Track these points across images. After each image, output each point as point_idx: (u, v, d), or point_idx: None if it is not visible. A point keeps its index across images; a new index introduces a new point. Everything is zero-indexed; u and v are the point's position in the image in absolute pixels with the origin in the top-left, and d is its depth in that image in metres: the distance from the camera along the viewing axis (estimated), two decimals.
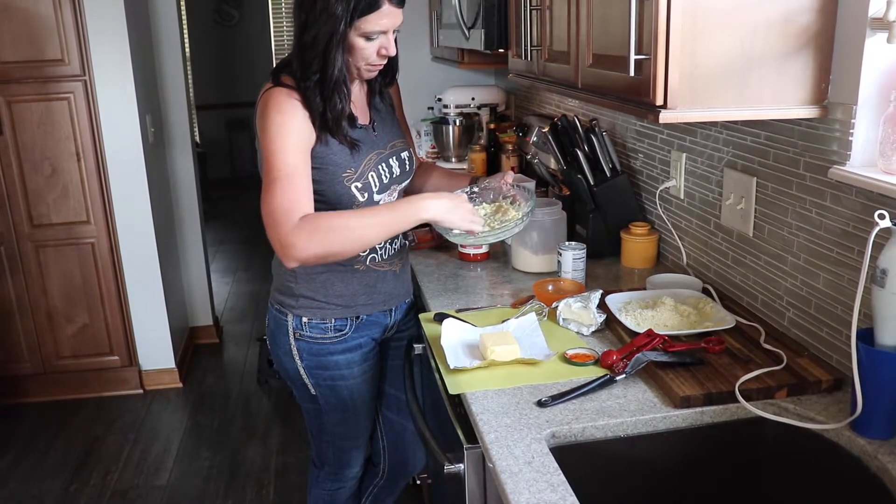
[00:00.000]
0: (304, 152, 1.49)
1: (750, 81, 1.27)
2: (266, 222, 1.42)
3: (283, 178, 1.44)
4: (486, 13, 2.23)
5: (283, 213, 1.41)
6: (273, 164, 1.45)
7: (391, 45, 1.52)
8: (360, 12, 1.44)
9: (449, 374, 1.41)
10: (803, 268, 1.46)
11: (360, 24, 1.46)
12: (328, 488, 1.94)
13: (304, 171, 1.48)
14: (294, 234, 1.40)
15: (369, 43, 1.49)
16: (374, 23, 1.46)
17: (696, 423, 1.27)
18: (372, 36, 1.48)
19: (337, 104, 1.50)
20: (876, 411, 1.15)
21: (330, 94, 1.49)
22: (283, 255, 1.42)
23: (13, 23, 2.97)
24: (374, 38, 1.49)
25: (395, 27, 1.51)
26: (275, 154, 1.46)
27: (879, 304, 1.12)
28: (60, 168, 3.16)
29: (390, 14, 1.48)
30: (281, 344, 1.72)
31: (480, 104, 3.37)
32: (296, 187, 1.45)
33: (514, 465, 1.12)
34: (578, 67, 1.57)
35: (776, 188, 1.53)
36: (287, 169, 1.45)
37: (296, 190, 1.44)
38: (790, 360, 1.37)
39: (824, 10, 1.26)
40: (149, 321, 3.46)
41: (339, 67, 1.48)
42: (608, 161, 2.08)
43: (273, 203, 1.42)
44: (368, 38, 1.48)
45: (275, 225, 1.41)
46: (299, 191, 1.45)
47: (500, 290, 1.87)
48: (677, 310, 1.58)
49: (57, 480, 2.85)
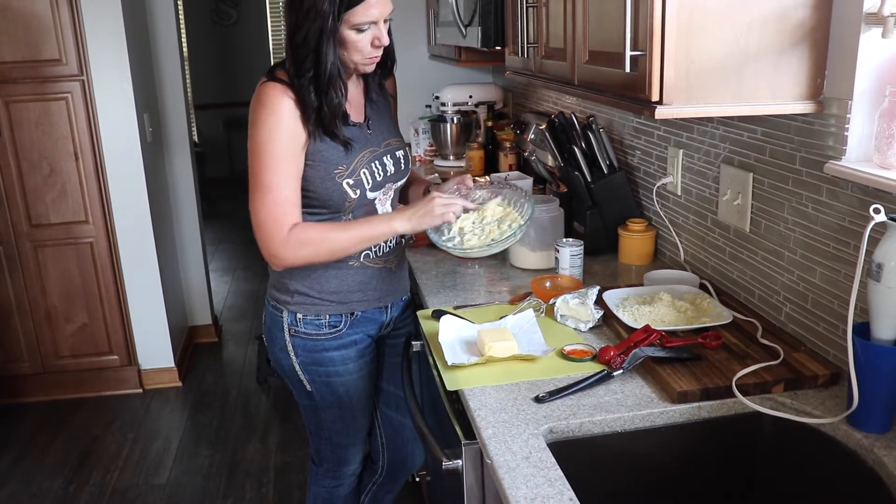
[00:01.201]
0: (292, 155, 1.51)
1: (745, 77, 1.27)
2: (256, 230, 1.53)
3: (273, 186, 1.50)
4: (483, 11, 2.23)
5: (272, 223, 1.51)
6: (261, 167, 1.50)
7: (383, 35, 1.51)
8: (347, 5, 1.44)
9: (447, 370, 1.41)
10: (800, 263, 1.47)
11: (349, 16, 1.45)
12: (327, 486, 1.94)
13: (293, 176, 1.52)
14: (283, 247, 1.52)
15: (361, 35, 1.49)
16: (362, 14, 1.46)
17: (693, 418, 1.27)
18: (362, 27, 1.48)
19: (333, 99, 1.51)
20: (872, 405, 1.15)
21: (325, 89, 1.49)
22: (270, 262, 1.56)
23: (10, 23, 2.97)
24: (365, 30, 1.49)
25: (386, 16, 1.50)
26: (262, 158, 1.49)
27: (875, 299, 1.12)
28: (58, 168, 3.16)
29: (378, 4, 1.47)
30: (277, 340, 1.72)
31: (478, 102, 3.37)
32: (285, 197, 1.51)
33: (512, 461, 1.12)
34: (575, 64, 1.57)
35: (773, 184, 1.53)
36: (276, 176, 1.50)
37: (285, 199, 1.51)
38: (787, 354, 1.38)
39: (819, 6, 1.26)
40: (148, 320, 3.46)
41: (331, 62, 1.48)
42: (605, 158, 2.09)
43: (262, 213, 1.51)
44: (359, 29, 1.48)
45: (264, 236, 1.52)
46: (287, 200, 1.52)
47: (497, 287, 1.87)
48: (674, 305, 1.58)
49: (57, 480, 2.85)
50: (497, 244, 1.60)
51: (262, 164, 1.49)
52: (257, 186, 1.51)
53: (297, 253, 1.53)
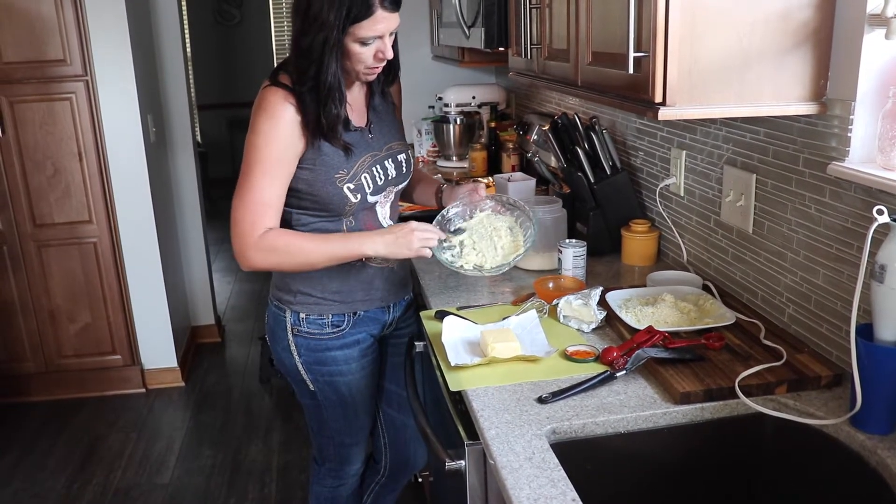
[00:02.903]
0: (284, 161, 1.52)
1: (749, 78, 1.27)
2: (231, 228, 1.54)
3: (256, 188, 1.52)
4: (486, 12, 2.23)
5: (248, 224, 1.52)
6: (250, 169, 1.51)
7: (388, 49, 1.51)
8: (354, 19, 1.43)
9: (450, 370, 1.42)
10: (803, 264, 1.47)
11: (354, 30, 1.45)
12: (329, 485, 1.94)
13: (279, 182, 1.54)
14: (252, 249, 1.52)
15: (365, 48, 1.48)
16: (368, 28, 1.45)
17: (696, 419, 1.27)
18: (367, 41, 1.48)
19: (332, 110, 1.51)
20: (875, 406, 1.15)
21: (325, 100, 1.49)
22: (238, 261, 1.56)
23: (15, 23, 2.98)
24: (370, 43, 1.48)
25: (391, 31, 1.50)
26: (253, 160, 1.51)
27: (878, 300, 1.12)
28: (62, 168, 3.17)
29: (384, 19, 1.46)
30: (279, 340, 1.73)
31: (481, 103, 3.38)
32: (265, 200, 1.52)
33: (515, 462, 1.12)
34: (578, 65, 1.57)
35: (776, 185, 1.53)
36: (262, 179, 1.51)
37: (265, 203, 1.52)
38: (790, 356, 1.38)
39: (822, 7, 1.26)
40: (151, 320, 3.47)
41: (332, 73, 1.48)
42: (608, 159, 2.09)
43: (240, 212, 1.52)
44: (364, 43, 1.48)
45: (237, 235, 1.53)
46: (267, 204, 1.53)
47: (500, 288, 1.87)
48: (677, 306, 1.58)
49: (59, 479, 2.86)
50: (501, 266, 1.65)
51: (252, 166, 1.51)
52: (242, 185, 1.53)
53: (264, 258, 1.54)
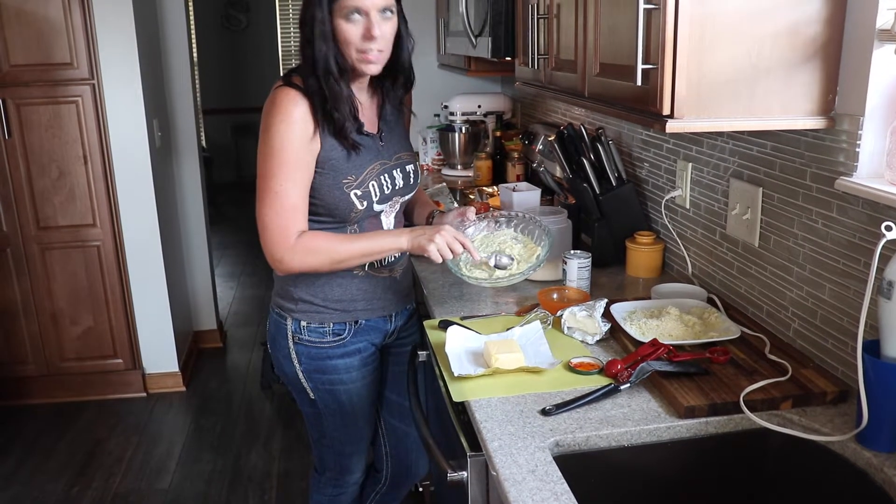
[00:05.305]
0: (303, 162, 1.52)
1: (757, 92, 1.27)
2: (261, 234, 1.53)
3: (282, 192, 1.50)
4: (494, 21, 2.23)
5: (279, 230, 1.51)
6: (271, 172, 1.50)
7: (374, 26, 1.48)
8: None
9: (453, 381, 1.41)
10: (809, 279, 1.46)
11: (337, 5, 1.47)
12: (329, 494, 1.93)
13: (302, 183, 1.53)
14: (290, 253, 1.53)
15: (350, 24, 1.48)
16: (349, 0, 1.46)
17: (700, 434, 1.27)
18: (350, 16, 1.47)
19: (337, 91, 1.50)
20: (882, 423, 1.14)
21: (329, 87, 1.50)
22: (274, 266, 1.57)
23: (23, 26, 2.99)
24: (355, 20, 1.48)
25: (378, 7, 1.48)
26: (273, 162, 1.50)
27: (886, 316, 1.11)
28: (67, 171, 3.18)
29: None
30: (280, 347, 1.72)
31: (487, 112, 3.38)
32: (293, 203, 1.52)
33: (518, 474, 1.11)
34: (585, 76, 1.57)
35: (782, 199, 1.53)
36: (285, 182, 1.50)
37: (293, 206, 1.52)
38: (795, 371, 1.37)
39: (832, 22, 1.26)
40: (153, 324, 3.46)
41: (324, 56, 1.49)
42: (614, 170, 2.08)
43: (269, 217, 1.52)
44: (348, 19, 1.47)
45: (271, 241, 1.53)
46: (296, 207, 1.53)
47: (504, 298, 1.87)
48: (682, 319, 1.58)
49: (60, 483, 2.85)
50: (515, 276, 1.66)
51: (272, 169, 1.50)
52: (266, 191, 1.51)
53: (302, 260, 1.54)
